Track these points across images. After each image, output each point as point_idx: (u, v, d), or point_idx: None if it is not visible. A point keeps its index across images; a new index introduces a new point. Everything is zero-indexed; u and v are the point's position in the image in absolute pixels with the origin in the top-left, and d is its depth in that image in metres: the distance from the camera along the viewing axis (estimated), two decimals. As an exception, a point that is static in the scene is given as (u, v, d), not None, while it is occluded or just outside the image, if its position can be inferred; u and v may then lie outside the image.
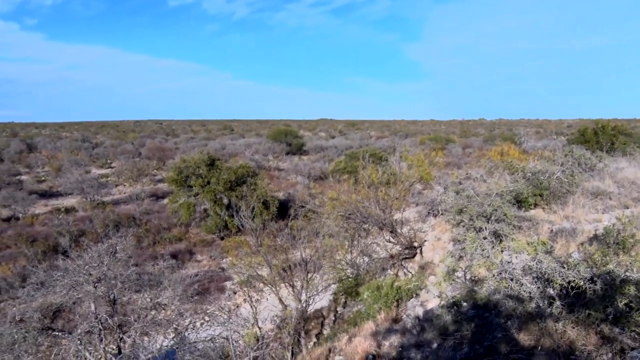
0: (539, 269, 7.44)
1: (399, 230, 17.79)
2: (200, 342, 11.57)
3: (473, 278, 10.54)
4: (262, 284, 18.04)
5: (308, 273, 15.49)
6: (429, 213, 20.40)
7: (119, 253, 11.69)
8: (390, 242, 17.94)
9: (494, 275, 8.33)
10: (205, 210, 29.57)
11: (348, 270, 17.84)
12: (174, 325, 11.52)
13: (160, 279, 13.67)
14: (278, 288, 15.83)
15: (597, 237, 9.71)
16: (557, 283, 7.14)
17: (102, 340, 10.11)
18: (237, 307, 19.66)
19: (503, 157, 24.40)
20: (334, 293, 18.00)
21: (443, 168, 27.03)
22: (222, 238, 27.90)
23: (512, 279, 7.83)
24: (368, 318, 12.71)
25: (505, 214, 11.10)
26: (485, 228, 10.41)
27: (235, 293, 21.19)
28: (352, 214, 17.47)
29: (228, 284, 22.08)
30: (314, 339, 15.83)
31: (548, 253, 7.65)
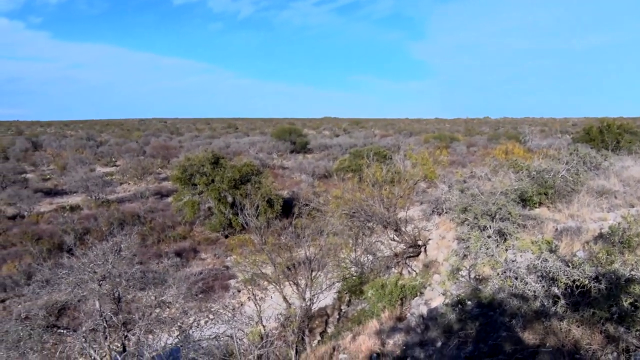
0: (544, 268, 7.43)
1: (403, 229, 17.77)
2: (205, 340, 11.59)
3: (477, 277, 10.53)
4: (266, 282, 18.05)
5: (312, 271, 15.48)
6: (434, 211, 20.37)
7: (124, 251, 11.72)
8: (395, 240, 17.93)
9: (499, 274, 8.32)
10: (210, 209, 29.59)
11: (352, 269, 17.83)
12: (178, 323, 11.54)
13: (165, 277, 13.70)
14: (282, 286, 15.82)
15: (602, 235, 9.69)
16: (561, 282, 7.12)
17: (106, 338, 10.14)
18: (241, 305, 19.68)
19: (508, 155, 24.34)
20: (338, 291, 18.00)
21: (447, 166, 26.95)
22: (226, 236, 27.94)
23: (516, 278, 7.81)
24: (372, 316, 12.70)
25: (510, 213, 11.08)
26: (490, 227, 10.39)
27: (240, 291, 21.22)
28: (356, 213, 17.46)
29: (232, 282, 22.11)
30: (318, 337, 15.83)
31: (552, 252, 7.63)
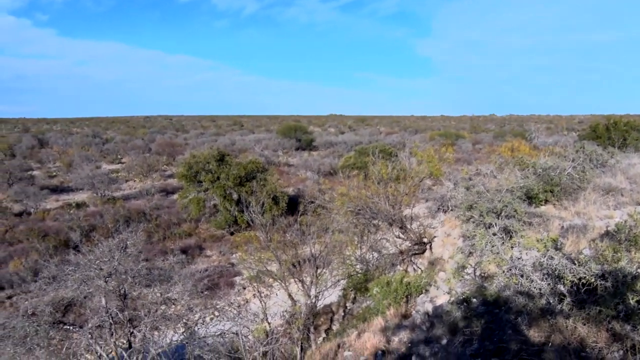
0: (550, 266, 7.41)
1: (409, 226, 17.75)
2: (210, 337, 11.62)
3: (483, 274, 10.51)
4: (271, 280, 18.08)
5: (317, 269, 15.50)
6: (439, 209, 20.37)
7: (130, 248, 11.76)
8: (400, 238, 17.91)
9: (504, 272, 8.31)
10: (215, 206, 29.65)
11: (357, 266, 17.83)
12: (184, 320, 11.59)
13: (170, 274, 13.76)
14: (287, 283, 15.85)
15: (608, 233, 9.66)
16: (567, 279, 7.10)
17: (112, 335, 10.18)
18: (246, 302, 19.74)
19: (513, 153, 24.25)
20: (343, 289, 18.01)
21: (453, 164, 26.92)
22: (231, 233, 27.98)
23: (522, 275, 7.80)
24: (377, 314, 12.69)
25: (516, 210, 11.05)
26: (495, 224, 10.37)
27: (245, 288, 21.26)
28: (361, 210, 17.45)
29: (237, 279, 22.16)
30: (323, 335, 15.85)
31: (558, 249, 7.61)
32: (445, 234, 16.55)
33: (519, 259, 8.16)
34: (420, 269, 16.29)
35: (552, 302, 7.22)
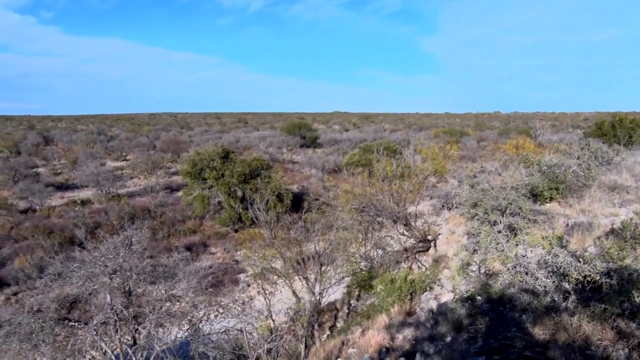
0: (555, 263, 7.39)
1: (413, 224, 17.73)
2: (214, 333, 11.64)
3: (487, 272, 10.50)
4: (275, 277, 18.09)
5: (322, 266, 15.50)
6: (443, 206, 20.32)
7: (134, 245, 11.80)
8: (404, 235, 17.89)
9: (509, 269, 8.29)
10: (220, 203, 29.69)
11: (362, 263, 17.83)
12: (188, 317, 11.60)
13: (175, 271, 13.76)
14: (292, 281, 15.86)
15: (613, 231, 9.62)
16: (572, 277, 7.09)
17: (117, 331, 10.22)
18: (251, 299, 19.77)
19: (518, 150, 24.21)
20: (348, 286, 18.02)
21: (458, 161, 26.87)
22: (236, 230, 28.02)
23: (527, 273, 7.78)
24: (381, 311, 12.70)
25: (520, 208, 11.02)
26: (500, 222, 10.35)
27: (249, 285, 21.30)
28: (366, 207, 17.44)
29: (242, 277, 22.20)
30: (328, 332, 15.87)
31: (563, 247, 7.59)
32: (450, 232, 16.51)
33: (524, 257, 8.14)
34: (425, 267, 16.27)
35: (557, 299, 7.21)
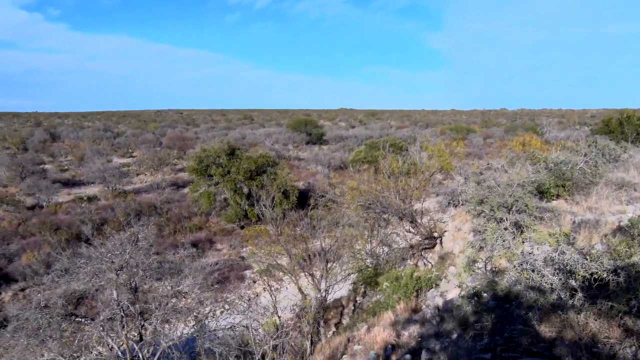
0: (561, 260, 7.36)
1: (419, 221, 17.71)
2: (220, 330, 11.66)
3: (494, 269, 10.47)
4: (281, 273, 18.12)
5: (327, 262, 15.51)
6: (450, 203, 20.29)
7: (141, 241, 11.81)
8: (410, 232, 17.88)
9: (515, 266, 8.27)
10: (226, 200, 29.72)
11: (367, 260, 17.83)
12: (195, 313, 11.63)
13: (181, 268, 13.80)
14: (297, 277, 15.87)
15: (621, 228, 9.57)
16: (579, 275, 7.06)
17: (123, 327, 10.25)
18: (256, 295, 19.80)
19: (525, 147, 24.09)
20: (354, 283, 18.02)
21: (464, 158, 26.78)
22: (242, 227, 28.07)
23: (533, 270, 7.76)
24: (387, 308, 12.69)
25: (527, 205, 10.97)
26: (506, 219, 10.31)
27: (255, 282, 21.33)
28: (372, 204, 17.43)
29: (248, 273, 22.23)
30: (333, 329, 15.88)
31: (570, 244, 7.56)
32: (456, 229, 16.47)
33: (530, 254, 8.12)
34: (431, 264, 16.25)
35: (563, 297, 7.18)
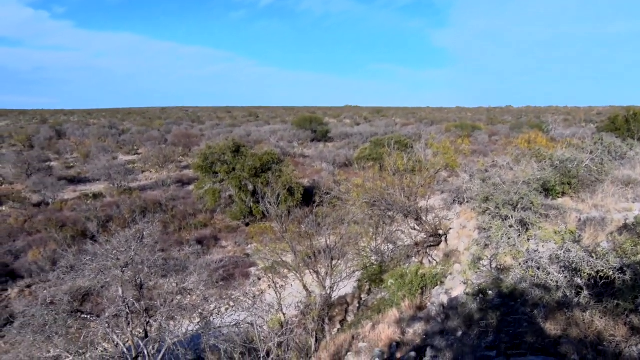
0: (567, 258, 7.34)
1: (424, 218, 17.68)
2: (225, 327, 11.70)
3: (499, 266, 10.44)
4: (286, 270, 18.16)
5: (332, 260, 15.52)
6: (455, 201, 20.28)
7: (146, 238, 11.86)
8: (415, 229, 17.85)
9: (520, 264, 8.24)
10: (231, 197, 29.77)
11: (372, 258, 17.83)
12: (199, 310, 11.67)
13: (186, 265, 13.85)
14: (302, 274, 15.89)
15: (627, 226, 9.54)
16: (585, 272, 7.03)
17: (129, 324, 10.29)
18: (261, 293, 19.82)
19: (530, 144, 24.03)
20: (358, 280, 18.02)
21: (469, 156, 26.74)
22: (247, 224, 28.10)
23: (538, 268, 7.73)
24: (392, 305, 12.68)
25: (532, 203, 10.94)
26: (512, 216, 10.28)
27: (260, 279, 21.36)
28: (377, 201, 17.41)
29: (253, 270, 22.27)
30: (338, 326, 15.89)
31: (576, 242, 7.53)
32: (461, 226, 16.45)
33: (536, 252, 8.09)
34: (436, 261, 16.23)
35: (569, 295, 7.16)
